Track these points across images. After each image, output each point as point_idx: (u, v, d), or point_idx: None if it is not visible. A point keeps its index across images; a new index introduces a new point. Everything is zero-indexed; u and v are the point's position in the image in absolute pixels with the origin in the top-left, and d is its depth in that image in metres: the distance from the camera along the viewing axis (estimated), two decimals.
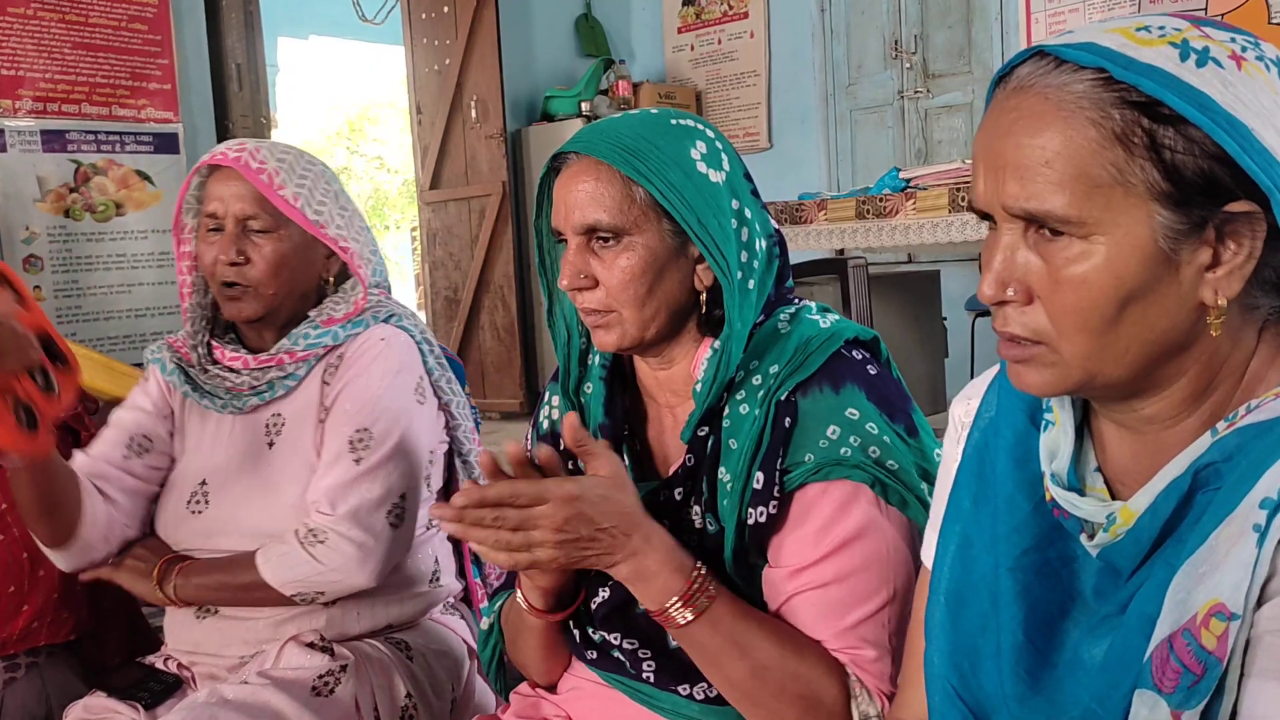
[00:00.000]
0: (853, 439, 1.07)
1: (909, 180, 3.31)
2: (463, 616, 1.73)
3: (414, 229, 8.39)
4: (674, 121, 1.13)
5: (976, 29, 5.14)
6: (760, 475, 1.07)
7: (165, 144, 4.14)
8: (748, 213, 1.13)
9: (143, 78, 4.08)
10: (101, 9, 3.96)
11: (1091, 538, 0.76)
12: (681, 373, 1.18)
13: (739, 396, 1.11)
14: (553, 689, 1.28)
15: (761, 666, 1.04)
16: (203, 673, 1.55)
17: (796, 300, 1.20)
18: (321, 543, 1.44)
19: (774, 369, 1.10)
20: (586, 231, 1.11)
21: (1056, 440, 0.81)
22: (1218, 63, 0.69)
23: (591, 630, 1.17)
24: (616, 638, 1.14)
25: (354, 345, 1.56)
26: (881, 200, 3.22)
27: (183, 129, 4.18)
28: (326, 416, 1.53)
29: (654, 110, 1.16)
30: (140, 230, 4.08)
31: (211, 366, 1.59)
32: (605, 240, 1.10)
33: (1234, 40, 0.70)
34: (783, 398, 1.09)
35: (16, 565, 1.67)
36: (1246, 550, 0.65)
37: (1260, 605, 0.65)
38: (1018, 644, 0.78)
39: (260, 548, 1.48)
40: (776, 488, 1.07)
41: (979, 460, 0.87)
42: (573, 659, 1.24)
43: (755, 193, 1.16)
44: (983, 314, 4.70)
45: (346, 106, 13.89)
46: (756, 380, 1.10)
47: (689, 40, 6.14)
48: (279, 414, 1.57)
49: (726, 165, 1.13)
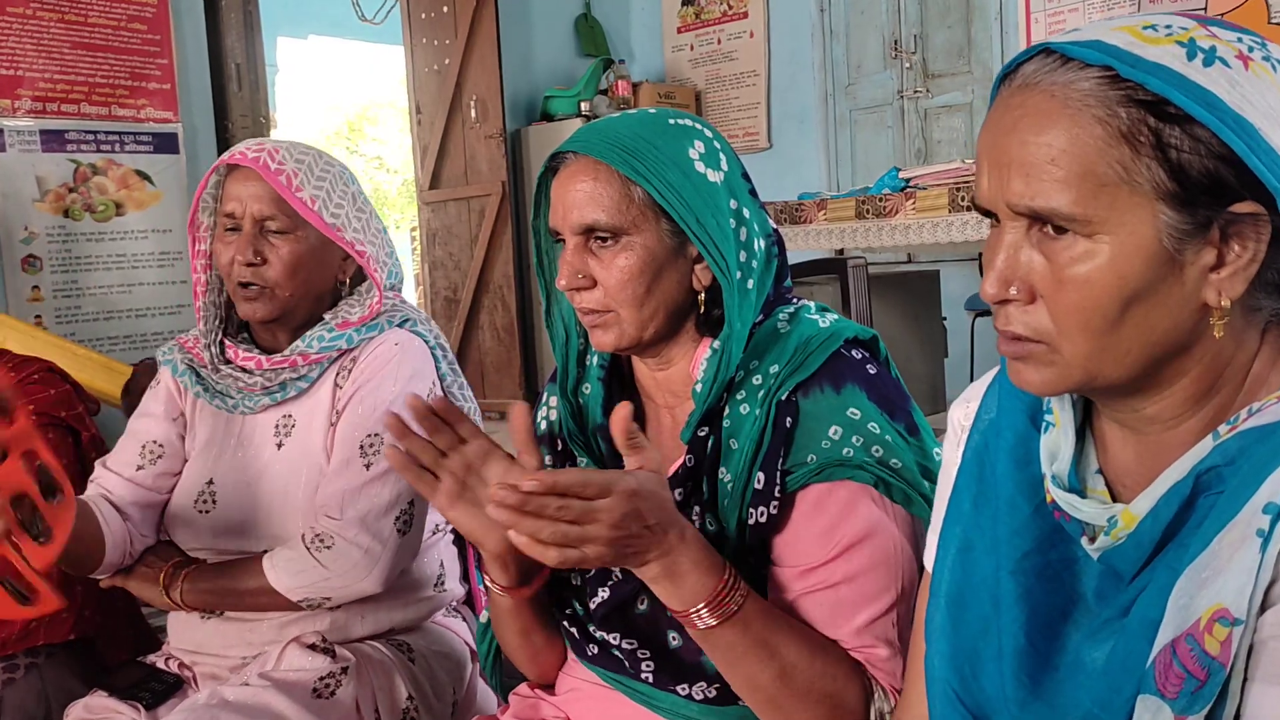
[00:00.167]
0: (855, 439, 1.07)
1: (909, 180, 3.31)
2: (465, 619, 1.73)
3: (413, 229, 8.38)
4: (672, 121, 1.13)
5: (976, 29, 5.14)
6: (761, 475, 1.07)
7: (165, 144, 4.13)
8: (746, 212, 1.12)
9: (142, 77, 4.07)
10: (101, 9, 3.96)
11: (1092, 540, 0.76)
12: (680, 373, 1.18)
13: (739, 396, 1.11)
14: (551, 689, 1.28)
15: (790, 667, 1.02)
16: (204, 673, 1.55)
17: (795, 300, 1.20)
18: (329, 548, 1.44)
19: (774, 369, 1.10)
20: (584, 231, 1.11)
21: (1057, 442, 0.80)
22: (1225, 62, 0.68)
23: (591, 629, 1.17)
24: (615, 638, 1.14)
25: (368, 349, 1.55)
26: (881, 200, 3.22)
27: (182, 129, 4.17)
28: (338, 420, 1.52)
29: (652, 110, 1.16)
30: (140, 230, 4.07)
31: (224, 365, 1.58)
32: (603, 240, 1.10)
33: (1241, 40, 0.70)
34: (783, 398, 1.09)
35: None
36: (1249, 555, 0.64)
37: (1264, 610, 0.65)
38: (1019, 647, 0.78)
39: (266, 553, 1.47)
40: (778, 488, 1.07)
41: (979, 462, 0.87)
42: (571, 658, 1.24)
43: (753, 192, 1.16)
44: (982, 314, 4.70)
45: (346, 106, 13.89)
46: (757, 380, 1.10)
47: (688, 40, 6.14)
48: (289, 415, 1.56)
49: (725, 165, 1.12)
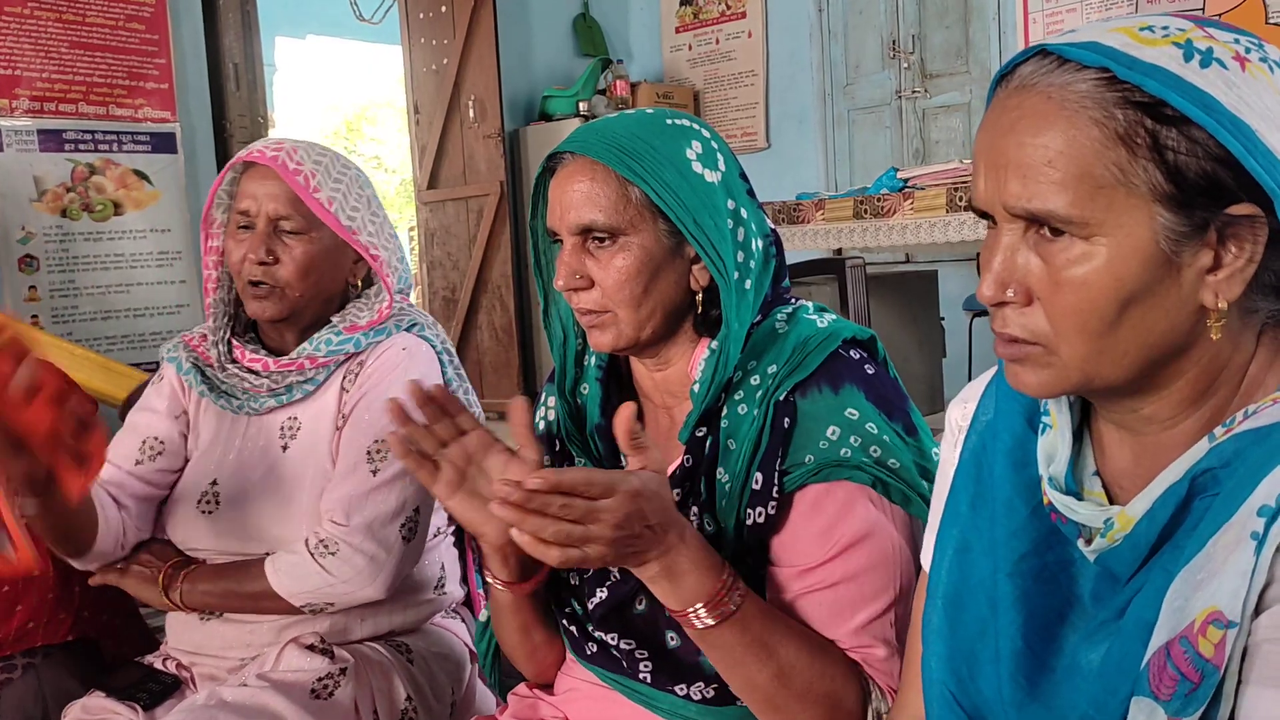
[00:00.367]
0: (853, 439, 1.07)
1: (907, 180, 3.31)
2: (464, 620, 1.73)
3: (412, 229, 8.37)
4: (670, 121, 1.13)
5: (974, 29, 5.14)
6: (759, 476, 1.07)
7: (163, 144, 4.13)
8: (744, 213, 1.12)
9: (140, 77, 4.07)
10: (99, 8, 3.95)
11: (1089, 543, 0.76)
12: (678, 373, 1.18)
13: (737, 397, 1.11)
14: (549, 689, 1.27)
15: (788, 668, 1.02)
16: (202, 673, 1.55)
17: (793, 300, 1.20)
18: (333, 554, 1.43)
19: (772, 369, 1.10)
20: (582, 232, 1.10)
21: (1054, 444, 0.80)
22: (1222, 64, 0.68)
23: (590, 629, 1.17)
24: (614, 638, 1.14)
25: (375, 353, 1.54)
26: (879, 200, 3.22)
27: (180, 129, 4.17)
28: (344, 424, 1.52)
29: (650, 110, 1.16)
30: (138, 230, 4.06)
31: (230, 365, 1.58)
32: (601, 240, 1.10)
33: (1238, 41, 0.70)
34: (781, 398, 1.08)
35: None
36: (1244, 557, 0.64)
37: (1258, 613, 0.65)
38: (1016, 649, 0.78)
39: (269, 556, 1.47)
40: (775, 488, 1.07)
41: (976, 464, 0.87)
42: (569, 658, 1.24)
43: (751, 192, 1.16)
44: (980, 314, 4.70)
45: (344, 106, 13.87)
46: (755, 380, 1.10)
47: (687, 40, 6.14)
48: (295, 417, 1.56)
49: (722, 165, 1.12)
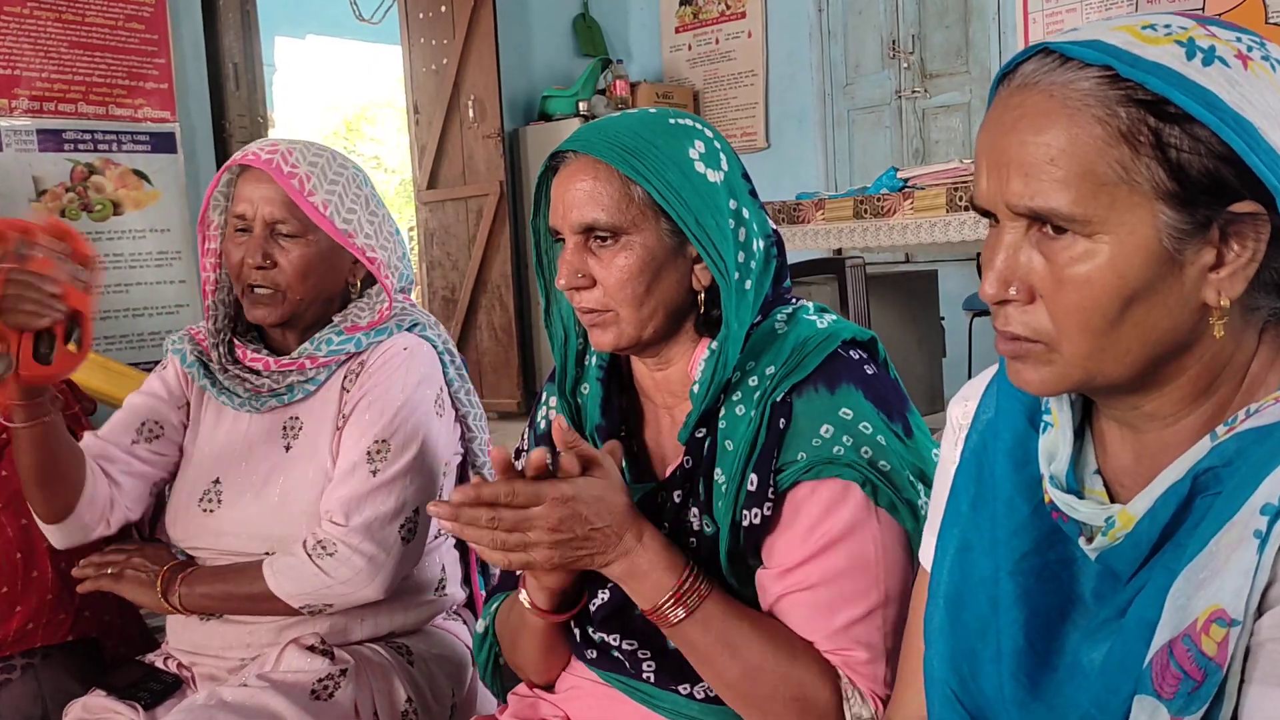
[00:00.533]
0: (845, 438, 1.06)
1: (907, 180, 3.31)
2: (465, 622, 1.72)
3: (411, 229, 8.37)
4: (672, 121, 1.13)
5: (974, 29, 5.14)
6: (754, 477, 1.07)
7: (162, 143, 4.13)
8: (745, 213, 1.12)
9: (140, 77, 4.07)
10: (98, 8, 3.95)
11: (1090, 541, 0.76)
12: (679, 373, 1.18)
13: (735, 398, 1.10)
14: (551, 688, 1.27)
15: (754, 667, 1.03)
16: (203, 673, 1.55)
17: (794, 300, 1.20)
18: (331, 555, 1.43)
19: (770, 370, 1.10)
20: (584, 231, 1.10)
21: (1055, 442, 0.80)
22: (1224, 62, 0.68)
23: (591, 630, 1.17)
24: (616, 638, 1.14)
25: (376, 353, 1.54)
26: (879, 200, 3.22)
27: (180, 128, 4.17)
28: (345, 424, 1.52)
29: (652, 110, 1.16)
30: (137, 230, 4.07)
31: (232, 365, 1.58)
32: (603, 239, 1.10)
33: (1240, 40, 0.70)
34: (778, 399, 1.08)
35: (9, 566, 1.65)
36: (1247, 556, 0.64)
37: (1261, 612, 0.65)
38: (1018, 648, 0.78)
39: (267, 558, 1.47)
40: (770, 489, 1.06)
41: (977, 463, 0.87)
42: (571, 658, 1.24)
43: (753, 193, 1.16)
44: (980, 313, 4.70)
45: (344, 106, 13.87)
46: (753, 381, 1.10)
47: (686, 40, 6.14)
48: (296, 417, 1.56)
49: (725, 165, 1.12)
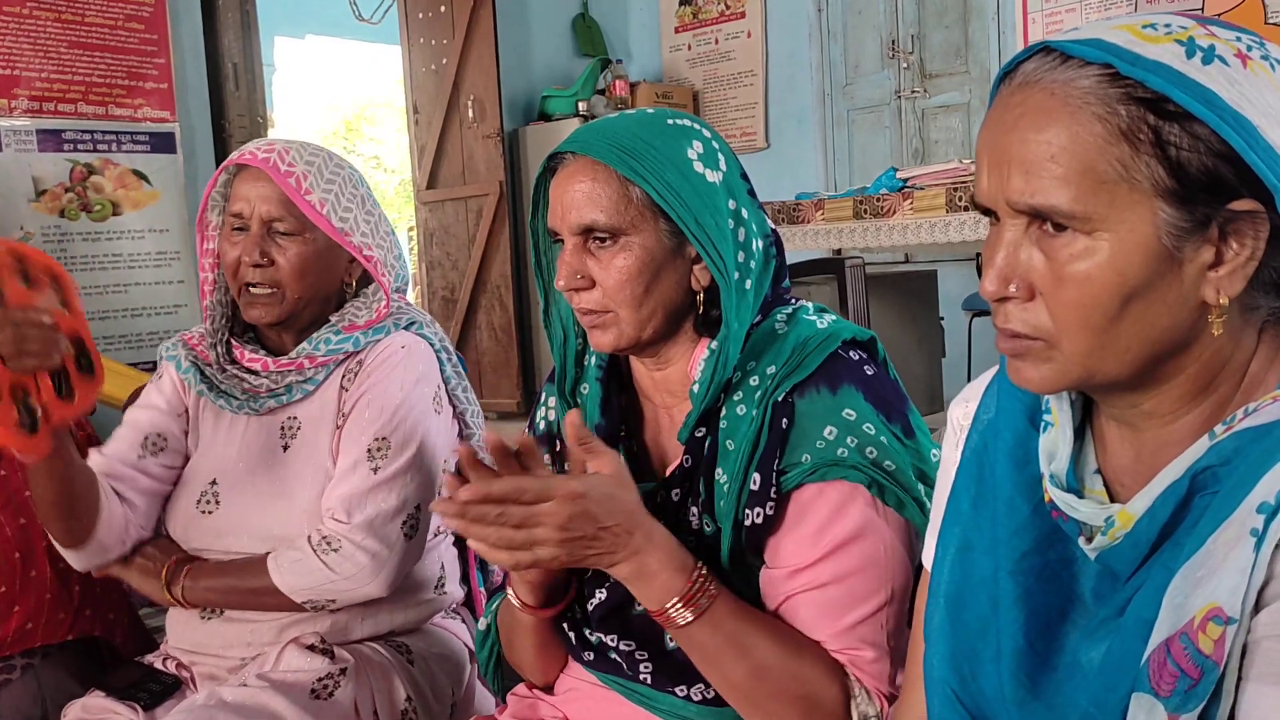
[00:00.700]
0: (849, 440, 1.07)
1: (906, 180, 3.32)
2: (464, 621, 1.73)
3: (411, 229, 8.38)
4: (671, 121, 1.13)
5: (973, 29, 5.14)
6: (757, 476, 1.07)
7: (162, 143, 4.13)
8: (744, 213, 1.12)
9: (139, 77, 4.07)
10: (98, 8, 3.95)
11: (1090, 540, 0.76)
12: (678, 373, 1.18)
13: (736, 397, 1.10)
14: (550, 690, 1.27)
15: (762, 667, 1.03)
16: (203, 673, 1.55)
17: (793, 300, 1.20)
18: (335, 551, 1.44)
19: (771, 369, 1.10)
20: (583, 232, 1.10)
21: (1055, 441, 0.81)
22: (1223, 60, 0.68)
23: (588, 632, 1.17)
24: (613, 639, 1.13)
25: (374, 352, 1.54)
26: (879, 200, 3.22)
27: (179, 128, 4.17)
28: (344, 423, 1.52)
29: (650, 110, 1.16)
30: (137, 230, 4.06)
31: (230, 366, 1.58)
32: (602, 240, 1.10)
33: (1239, 39, 0.70)
34: (780, 398, 1.08)
35: (8, 565, 1.65)
36: (1244, 555, 0.64)
37: (1258, 610, 0.65)
38: (1018, 648, 0.78)
39: (271, 552, 1.47)
40: (773, 489, 1.06)
41: (978, 463, 0.87)
42: (570, 660, 1.24)
43: (752, 192, 1.16)
44: (980, 313, 4.71)
45: (343, 106, 13.87)
46: (754, 381, 1.10)
47: (686, 40, 6.14)
48: (295, 417, 1.56)
49: (723, 165, 1.12)
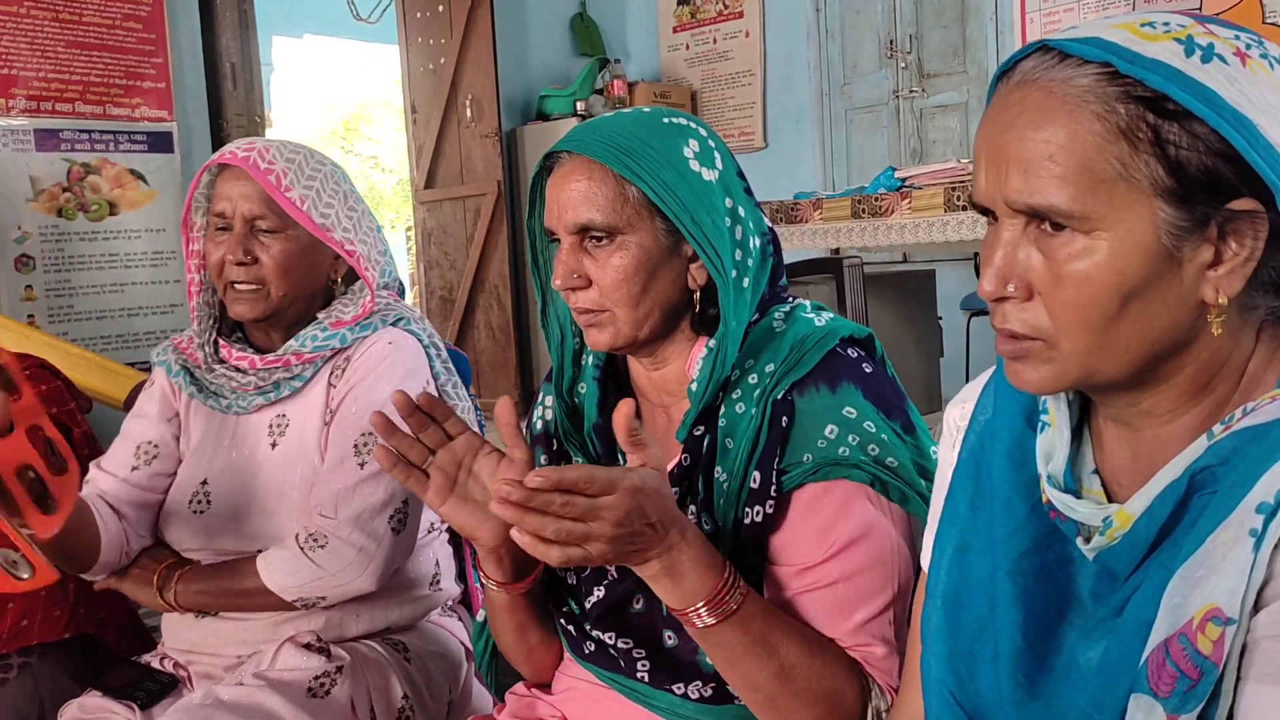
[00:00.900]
0: (851, 438, 1.07)
1: (904, 180, 3.32)
2: (461, 619, 1.73)
3: (409, 228, 8.38)
4: (667, 120, 1.13)
5: (971, 28, 5.14)
6: (757, 475, 1.07)
7: (159, 143, 4.12)
8: (741, 211, 1.12)
9: (137, 76, 4.06)
10: (95, 8, 3.94)
11: (1088, 541, 0.76)
12: (675, 372, 1.18)
13: (735, 395, 1.10)
14: (547, 688, 1.27)
15: (789, 666, 1.02)
16: (199, 672, 1.55)
17: (791, 299, 1.20)
18: (322, 547, 1.44)
19: (770, 368, 1.10)
20: (580, 231, 1.10)
21: (1052, 442, 0.80)
22: (1223, 59, 0.68)
23: (587, 628, 1.17)
24: (611, 637, 1.13)
25: (361, 348, 1.54)
26: (877, 200, 3.22)
27: (177, 128, 4.16)
28: (332, 419, 1.52)
29: (646, 109, 1.16)
30: (134, 230, 4.06)
31: (218, 365, 1.58)
32: (599, 239, 1.10)
33: (1238, 37, 0.70)
34: (779, 397, 1.08)
35: None
36: (1242, 555, 0.64)
37: (1256, 610, 0.65)
38: (1016, 648, 0.78)
39: (260, 553, 1.47)
40: (774, 487, 1.06)
41: (975, 463, 0.87)
42: (567, 657, 1.24)
43: (749, 191, 1.16)
44: (978, 313, 4.71)
45: (341, 106, 13.88)
46: (752, 379, 1.10)
47: (684, 40, 6.14)
48: (283, 415, 1.56)
49: (719, 164, 1.12)
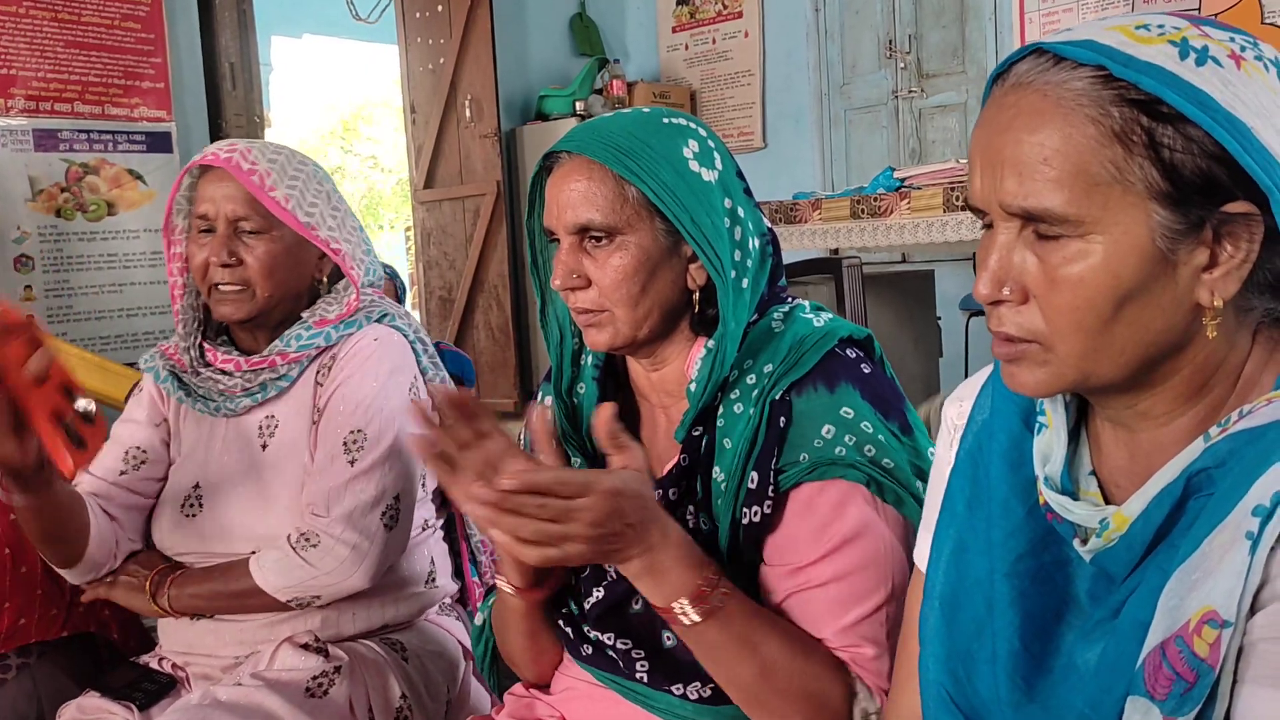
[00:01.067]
0: (848, 438, 1.07)
1: (903, 180, 3.31)
2: (459, 617, 1.73)
3: (408, 229, 8.38)
4: (666, 120, 1.13)
5: (970, 29, 5.14)
6: (754, 475, 1.07)
7: (158, 143, 4.12)
8: (740, 211, 1.12)
9: (136, 76, 4.06)
10: (94, 7, 3.94)
11: (1085, 542, 0.76)
12: (674, 373, 1.18)
13: (733, 396, 1.10)
14: (546, 688, 1.27)
15: (770, 665, 1.02)
16: (197, 673, 1.55)
17: (790, 299, 1.20)
18: (314, 546, 1.44)
19: (768, 368, 1.10)
20: (579, 231, 1.10)
21: (1050, 443, 0.80)
22: (1217, 62, 0.68)
23: (586, 629, 1.17)
24: (610, 638, 1.13)
25: (347, 346, 1.55)
26: (876, 200, 3.22)
27: (176, 128, 4.16)
28: (320, 417, 1.52)
29: (646, 109, 1.16)
30: (132, 230, 4.06)
31: (204, 369, 1.58)
32: (598, 240, 1.10)
33: (1233, 40, 0.70)
34: (777, 397, 1.08)
35: None
36: (1239, 557, 0.64)
37: (1253, 612, 0.65)
38: (1013, 650, 0.78)
39: (253, 554, 1.47)
40: (771, 487, 1.06)
41: (972, 464, 0.87)
42: (565, 658, 1.24)
43: (748, 191, 1.16)
44: (977, 313, 4.71)
45: (341, 106, 13.88)
46: (751, 379, 1.10)
47: (683, 40, 6.14)
48: (272, 415, 1.56)
49: (719, 164, 1.12)
